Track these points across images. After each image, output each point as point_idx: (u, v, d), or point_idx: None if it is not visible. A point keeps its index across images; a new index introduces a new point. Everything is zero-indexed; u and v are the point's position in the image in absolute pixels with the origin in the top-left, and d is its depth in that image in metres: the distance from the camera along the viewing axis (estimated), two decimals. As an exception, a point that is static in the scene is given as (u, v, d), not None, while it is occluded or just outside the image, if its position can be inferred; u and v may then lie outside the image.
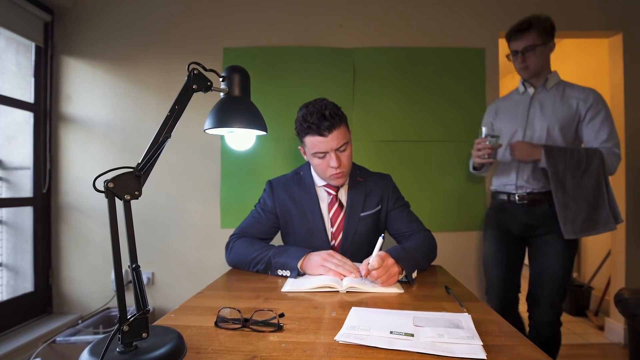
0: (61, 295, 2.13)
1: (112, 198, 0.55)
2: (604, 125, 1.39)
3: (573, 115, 1.43)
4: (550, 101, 1.47)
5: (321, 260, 1.01)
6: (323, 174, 1.15)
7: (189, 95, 0.65)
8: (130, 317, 0.54)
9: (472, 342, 0.60)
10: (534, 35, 1.43)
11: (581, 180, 1.36)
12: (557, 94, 1.47)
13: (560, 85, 1.49)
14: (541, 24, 1.42)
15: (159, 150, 0.59)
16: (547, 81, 1.49)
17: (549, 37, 1.45)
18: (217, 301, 0.86)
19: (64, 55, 2.13)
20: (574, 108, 1.42)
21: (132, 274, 0.55)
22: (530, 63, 1.46)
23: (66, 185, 2.13)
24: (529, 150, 1.39)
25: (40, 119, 2.07)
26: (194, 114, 1.48)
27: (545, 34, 1.44)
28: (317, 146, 1.09)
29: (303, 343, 0.63)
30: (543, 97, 1.50)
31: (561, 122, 1.43)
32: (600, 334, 2.31)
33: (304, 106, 1.13)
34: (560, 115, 1.44)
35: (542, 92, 1.51)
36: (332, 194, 1.22)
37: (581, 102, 1.41)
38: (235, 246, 1.17)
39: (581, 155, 1.37)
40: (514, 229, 1.54)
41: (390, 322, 0.69)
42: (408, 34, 2.12)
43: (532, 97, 1.52)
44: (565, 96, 1.46)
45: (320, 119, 1.05)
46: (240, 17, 2.13)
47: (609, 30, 2.12)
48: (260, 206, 1.27)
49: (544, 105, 1.48)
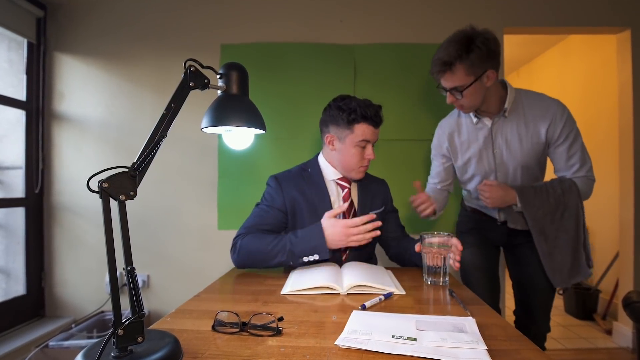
0: (54, 298, 2.13)
1: (107, 198, 0.55)
2: (574, 149, 1.25)
3: (543, 145, 1.27)
4: (515, 134, 1.27)
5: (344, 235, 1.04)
6: (355, 164, 1.20)
7: (186, 93, 0.65)
8: (125, 321, 0.54)
9: (477, 346, 0.60)
10: (460, 75, 1.16)
11: (561, 224, 1.23)
12: (519, 121, 1.26)
13: (519, 106, 1.27)
14: (468, 59, 1.13)
15: (154, 150, 0.59)
16: (505, 111, 1.26)
17: (486, 66, 1.16)
18: (214, 304, 0.86)
19: (56, 52, 2.13)
20: (543, 137, 1.25)
21: (127, 277, 0.55)
22: (464, 102, 1.22)
23: (59, 185, 2.13)
24: (501, 198, 1.23)
25: (33, 117, 2.07)
26: (190, 112, 1.48)
27: (476, 68, 1.15)
28: (367, 134, 1.17)
29: (303, 347, 0.63)
30: (505, 129, 1.28)
31: (533, 154, 1.28)
32: (608, 338, 2.31)
33: (345, 97, 1.20)
34: (530, 150, 1.27)
35: (500, 122, 1.29)
36: (346, 188, 1.25)
37: (549, 127, 1.24)
38: (244, 244, 1.12)
39: (557, 194, 1.23)
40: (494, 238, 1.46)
41: (392, 326, 0.69)
42: (410, 30, 2.12)
43: (490, 129, 1.30)
44: (529, 122, 1.26)
45: (377, 112, 1.17)
46: (238, 12, 2.13)
47: (617, 27, 2.12)
48: (267, 203, 1.23)
49: (509, 141, 1.28)
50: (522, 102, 1.27)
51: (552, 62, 3.46)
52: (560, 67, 3.32)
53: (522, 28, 2.14)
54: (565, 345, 2.23)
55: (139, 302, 0.56)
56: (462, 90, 1.18)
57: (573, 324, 2.57)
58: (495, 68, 1.18)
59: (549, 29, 2.15)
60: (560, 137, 1.24)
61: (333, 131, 1.20)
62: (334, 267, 1.10)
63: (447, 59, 1.15)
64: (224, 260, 2.11)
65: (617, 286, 2.42)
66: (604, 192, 2.69)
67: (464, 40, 1.13)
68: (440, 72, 1.19)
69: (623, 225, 2.20)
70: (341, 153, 1.20)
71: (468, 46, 1.13)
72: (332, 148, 1.22)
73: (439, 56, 1.17)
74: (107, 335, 0.54)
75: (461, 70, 1.15)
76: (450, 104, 1.26)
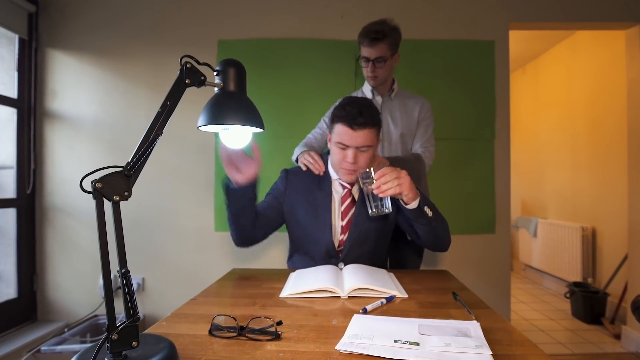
0: (46, 301, 2.13)
1: (100, 199, 0.55)
2: (425, 130, 1.63)
3: (414, 124, 1.63)
4: (397, 111, 1.63)
5: None
6: (337, 164, 1.21)
7: (182, 90, 0.65)
8: (119, 325, 0.54)
9: (481, 351, 0.60)
10: (385, 47, 1.50)
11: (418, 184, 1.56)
12: (400, 103, 1.64)
13: (400, 93, 1.66)
14: (393, 36, 1.50)
15: (149, 149, 0.59)
16: (392, 92, 1.63)
17: (396, 49, 1.56)
18: (211, 308, 0.86)
19: (49, 48, 2.13)
20: (413, 116, 1.62)
21: (122, 280, 0.55)
22: (379, 74, 1.55)
23: (51, 185, 2.13)
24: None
25: (24, 115, 2.08)
26: (186, 110, 1.47)
27: (394, 46, 1.53)
28: (342, 137, 1.15)
29: (302, 352, 0.63)
30: (390, 106, 1.64)
31: (409, 130, 1.62)
32: (617, 343, 2.31)
33: (347, 97, 1.24)
34: (407, 124, 1.62)
35: (388, 101, 1.64)
36: (346, 188, 1.26)
37: (414, 110, 1.62)
38: None
39: (408, 164, 1.51)
40: None
41: (394, 330, 0.69)
42: (413, 26, 2.12)
43: (381, 106, 1.64)
44: (405, 105, 1.63)
45: (357, 113, 1.12)
46: (236, 7, 2.13)
47: (625, 22, 2.12)
48: (270, 191, 1.32)
49: (394, 116, 1.63)
50: (401, 93, 1.67)
51: (559, 58, 3.46)
52: (568, 63, 3.32)
53: (528, 23, 2.14)
54: (572, 350, 2.23)
55: (134, 306, 0.56)
56: (385, 59, 1.51)
57: (580, 328, 2.57)
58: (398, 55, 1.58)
59: (556, 24, 2.15)
60: (423, 120, 1.63)
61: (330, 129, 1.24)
62: (335, 269, 1.10)
63: (380, 34, 1.47)
64: (221, 262, 2.11)
65: (625, 289, 2.42)
66: (612, 192, 2.70)
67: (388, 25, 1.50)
68: (373, 40, 1.48)
69: (632, 226, 2.20)
70: (331, 151, 1.24)
71: (391, 29, 1.50)
72: (329, 145, 1.25)
73: (371, 28, 1.49)
74: (100, 340, 0.54)
75: (387, 44, 1.49)
76: (369, 73, 1.55)
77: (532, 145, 3.93)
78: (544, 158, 3.72)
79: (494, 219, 2.11)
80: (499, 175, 2.12)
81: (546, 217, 3.61)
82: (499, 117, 2.12)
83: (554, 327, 2.58)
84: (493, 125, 2.12)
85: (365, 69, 1.57)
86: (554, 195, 3.54)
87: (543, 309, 2.94)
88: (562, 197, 3.39)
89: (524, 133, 4.04)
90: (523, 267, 3.96)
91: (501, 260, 2.13)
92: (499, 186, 2.12)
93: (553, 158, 3.55)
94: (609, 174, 2.74)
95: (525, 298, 3.21)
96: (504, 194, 2.13)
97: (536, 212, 3.85)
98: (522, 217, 3.92)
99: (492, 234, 2.11)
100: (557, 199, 3.48)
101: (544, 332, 2.49)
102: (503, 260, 2.13)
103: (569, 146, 3.29)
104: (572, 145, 3.23)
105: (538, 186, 3.82)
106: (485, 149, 2.11)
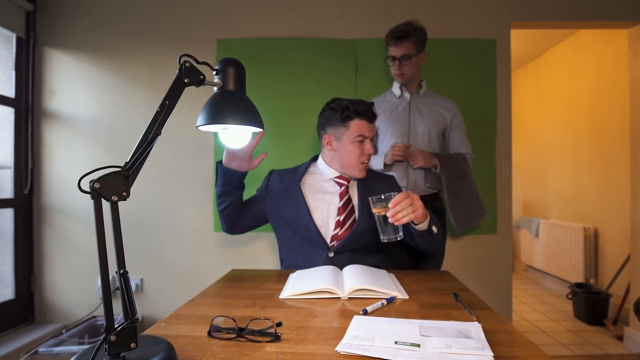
0: (44, 303, 2.13)
1: (99, 199, 0.55)
2: (463, 134, 1.76)
3: (444, 123, 1.73)
4: (426, 108, 1.73)
5: None
6: (354, 160, 1.26)
7: (181, 89, 0.65)
8: (117, 327, 0.54)
9: (482, 353, 0.60)
10: (410, 45, 1.61)
11: (462, 183, 1.72)
12: (428, 101, 1.74)
13: (428, 93, 1.77)
14: (417, 35, 1.62)
15: (148, 149, 0.59)
16: (420, 89, 1.75)
17: (422, 48, 1.67)
18: (210, 309, 0.86)
19: (46, 47, 2.13)
20: (445, 117, 1.73)
21: (120, 280, 0.55)
22: (406, 71, 1.66)
23: (49, 185, 2.13)
24: (429, 158, 1.62)
25: (22, 114, 2.08)
26: (185, 109, 1.48)
27: (420, 45, 1.65)
28: (363, 130, 1.25)
29: (302, 354, 0.63)
30: (419, 103, 1.74)
31: (437, 129, 1.72)
32: (619, 345, 2.31)
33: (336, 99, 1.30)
34: (436, 122, 1.72)
35: (417, 98, 1.74)
36: (344, 185, 1.30)
37: (447, 112, 1.73)
38: None
39: (459, 162, 1.71)
40: None
41: (395, 331, 0.69)
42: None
43: (409, 102, 1.73)
44: (435, 105, 1.74)
45: (369, 108, 1.26)
46: (235, 5, 2.13)
47: (628, 21, 2.12)
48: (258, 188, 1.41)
49: (422, 112, 1.72)
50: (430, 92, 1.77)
51: (561, 57, 3.46)
52: (570, 63, 3.32)
53: (530, 22, 2.14)
54: (574, 351, 2.23)
55: (132, 307, 0.56)
56: (410, 57, 1.62)
57: (583, 329, 2.57)
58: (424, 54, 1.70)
59: (557, 23, 2.15)
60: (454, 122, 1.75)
61: (330, 132, 1.29)
62: (335, 270, 1.10)
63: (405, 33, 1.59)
64: (220, 263, 2.11)
65: (628, 290, 2.42)
66: (614, 192, 2.70)
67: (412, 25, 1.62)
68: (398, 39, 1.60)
69: (635, 226, 2.20)
70: (340, 152, 1.28)
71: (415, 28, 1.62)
72: (330, 148, 1.30)
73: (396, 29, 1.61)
74: (99, 342, 0.54)
75: (412, 42, 1.61)
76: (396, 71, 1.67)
77: (534, 145, 3.93)
78: (545, 158, 3.72)
79: (496, 219, 2.11)
80: (501, 175, 2.12)
81: (548, 217, 3.61)
82: (500, 117, 2.12)
83: (556, 329, 2.58)
84: (494, 124, 2.12)
85: (392, 67, 1.68)
86: (556, 195, 3.54)
87: (545, 310, 2.94)
88: (564, 197, 3.39)
89: (525, 133, 4.04)
90: (525, 268, 3.96)
91: (503, 260, 2.13)
92: (501, 186, 2.12)
93: (555, 158, 3.55)
94: (612, 173, 2.74)
95: (527, 299, 3.22)
96: (506, 194, 2.13)
97: (538, 212, 3.85)
98: (523, 218, 3.92)
99: (494, 234, 2.11)
100: (559, 199, 3.48)
101: (546, 334, 2.49)
102: (504, 261, 2.13)
103: (571, 146, 3.29)
104: (574, 145, 3.23)
105: (540, 186, 3.83)
106: (487, 148, 2.11)
